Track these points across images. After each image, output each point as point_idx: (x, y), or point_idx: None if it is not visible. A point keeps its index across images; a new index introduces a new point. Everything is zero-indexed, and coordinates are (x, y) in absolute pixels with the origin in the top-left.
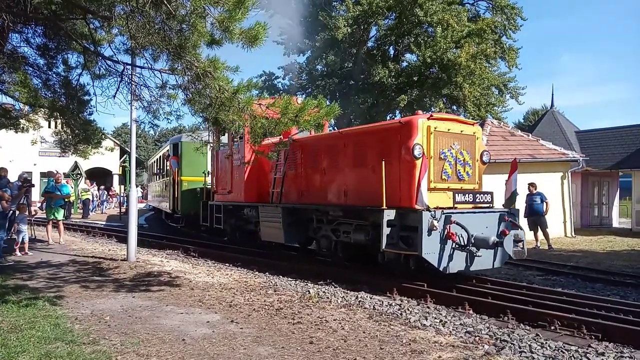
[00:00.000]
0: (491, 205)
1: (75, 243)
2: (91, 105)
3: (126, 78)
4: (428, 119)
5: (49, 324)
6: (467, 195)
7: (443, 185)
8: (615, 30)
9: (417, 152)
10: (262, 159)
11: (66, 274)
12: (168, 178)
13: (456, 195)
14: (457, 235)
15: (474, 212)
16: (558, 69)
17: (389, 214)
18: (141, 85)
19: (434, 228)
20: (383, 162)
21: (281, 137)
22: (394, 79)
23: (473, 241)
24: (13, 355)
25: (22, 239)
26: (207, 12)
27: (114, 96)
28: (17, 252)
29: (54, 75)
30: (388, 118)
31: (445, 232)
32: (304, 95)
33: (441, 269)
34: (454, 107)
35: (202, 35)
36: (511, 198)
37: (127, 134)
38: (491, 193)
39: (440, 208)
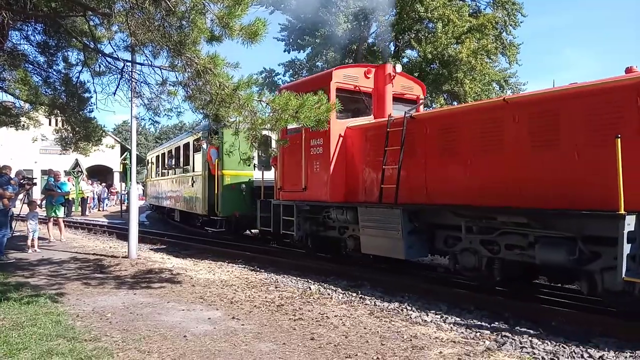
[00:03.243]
0: None
1: (76, 240)
2: (91, 103)
3: (126, 75)
4: None
5: (51, 321)
6: None
7: None
8: (618, 25)
9: None
10: (351, 145)
11: (67, 271)
12: (197, 172)
13: None
14: None
15: None
16: (562, 64)
17: (630, 223)
18: (141, 82)
19: None
20: (618, 139)
21: (390, 115)
22: None
23: None
24: (15, 353)
25: (33, 235)
26: (206, 9)
27: (114, 93)
28: (29, 250)
29: (54, 73)
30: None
31: None
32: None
33: None
34: (455, 103)
35: (202, 32)
36: None
37: (127, 131)
38: None
39: None
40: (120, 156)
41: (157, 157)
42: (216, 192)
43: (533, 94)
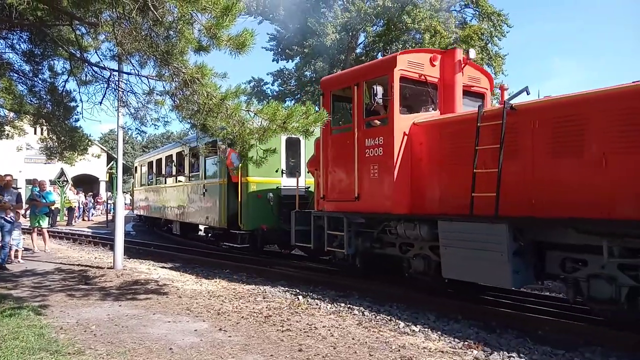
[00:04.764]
0: None
1: (60, 251)
2: (77, 112)
3: (113, 84)
4: None
5: (33, 333)
6: None
7: None
8: (606, 35)
9: None
10: (419, 145)
11: (51, 282)
12: (212, 180)
13: None
14: None
15: None
16: (551, 73)
17: None
18: (128, 91)
19: None
20: None
21: (481, 106)
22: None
23: None
24: None
25: (17, 246)
26: (194, 19)
27: (101, 102)
28: (13, 260)
29: (40, 82)
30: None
31: None
32: (292, 101)
33: None
34: None
35: (190, 42)
36: None
37: (114, 140)
38: None
39: None
40: (107, 165)
41: (150, 163)
42: (240, 201)
43: None
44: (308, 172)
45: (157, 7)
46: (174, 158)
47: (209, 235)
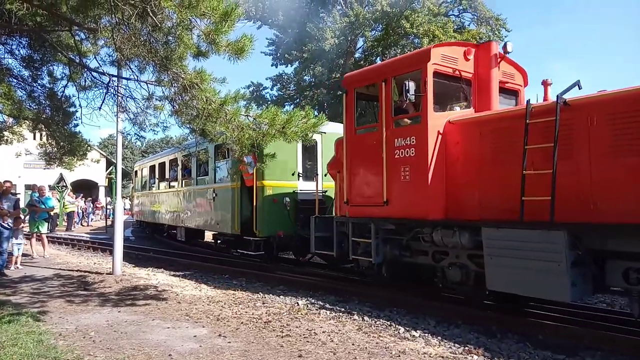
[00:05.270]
0: None
1: (59, 257)
2: (76, 117)
3: (112, 90)
4: None
5: (32, 340)
6: None
7: None
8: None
9: None
10: (455, 144)
11: (50, 288)
12: (222, 184)
13: None
14: None
15: None
16: (550, 75)
17: None
18: (127, 96)
19: None
20: None
21: (529, 101)
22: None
23: None
24: None
25: (18, 252)
26: (193, 25)
27: (100, 108)
28: (12, 267)
29: (39, 87)
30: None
31: None
32: (292, 106)
33: None
34: None
35: (189, 47)
36: None
37: (113, 145)
38: None
39: None
40: (106, 170)
41: (151, 167)
42: (255, 205)
43: None
44: (325, 175)
45: (156, 13)
46: (179, 162)
47: (218, 242)
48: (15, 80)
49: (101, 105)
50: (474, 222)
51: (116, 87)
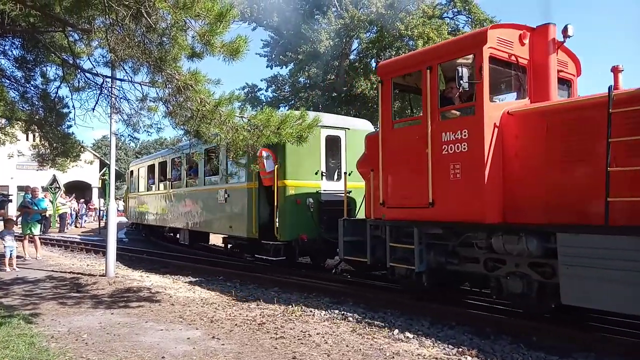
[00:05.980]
0: None
1: (52, 258)
2: (70, 118)
3: (106, 91)
4: None
5: (24, 342)
6: None
7: None
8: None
9: None
10: (515, 138)
11: (43, 290)
12: (237, 184)
13: None
14: None
15: None
16: None
17: None
18: (121, 98)
19: None
20: None
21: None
22: (376, 91)
23: None
24: None
25: (10, 254)
26: (187, 26)
27: (94, 109)
28: (7, 268)
29: (32, 88)
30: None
31: None
32: (287, 107)
33: None
34: None
35: (183, 48)
36: None
37: (107, 147)
38: None
39: None
40: (99, 172)
41: (150, 167)
42: (276, 207)
43: None
44: (349, 175)
45: (150, 14)
46: (183, 161)
47: (230, 246)
48: (8, 81)
49: (95, 106)
50: (548, 227)
51: (110, 88)
